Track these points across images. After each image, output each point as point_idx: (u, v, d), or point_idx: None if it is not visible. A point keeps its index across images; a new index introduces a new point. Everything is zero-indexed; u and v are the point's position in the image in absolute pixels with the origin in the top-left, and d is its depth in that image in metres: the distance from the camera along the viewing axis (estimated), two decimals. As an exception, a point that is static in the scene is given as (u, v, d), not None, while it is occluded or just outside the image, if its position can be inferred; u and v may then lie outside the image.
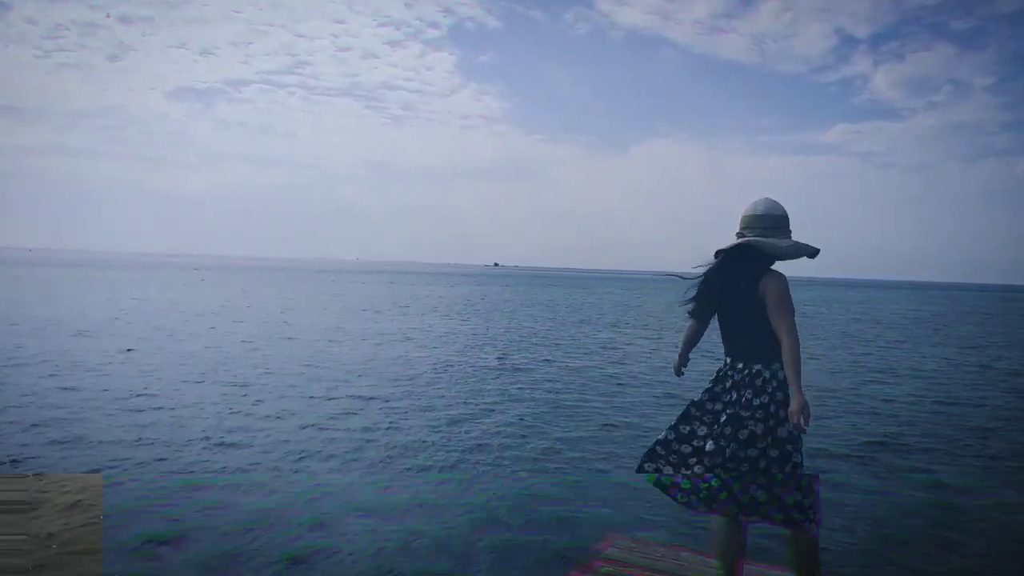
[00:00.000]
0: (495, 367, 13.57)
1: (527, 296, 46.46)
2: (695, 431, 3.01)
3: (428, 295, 42.28)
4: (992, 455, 7.70)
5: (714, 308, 3.08)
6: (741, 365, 2.95)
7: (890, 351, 18.84)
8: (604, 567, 3.64)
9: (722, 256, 3.04)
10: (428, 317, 25.18)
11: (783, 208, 3.04)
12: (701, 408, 3.03)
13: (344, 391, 10.36)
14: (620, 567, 3.63)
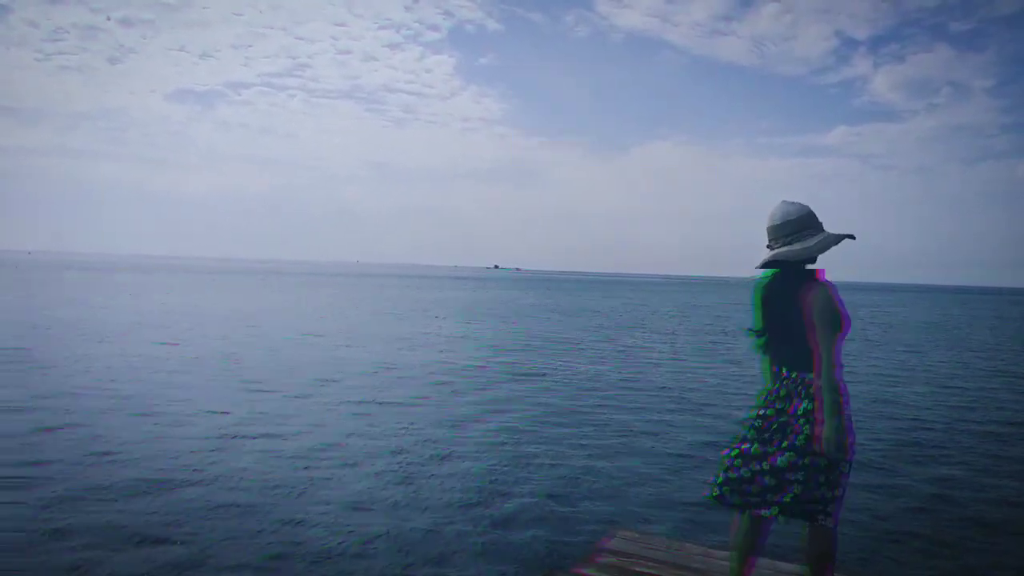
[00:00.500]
0: (514, 368, 13.58)
1: (546, 301, 46.20)
2: (752, 443, 2.98)
3: (458, 298, 42.14)
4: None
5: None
6: (793, 375, 2.89)
7: (914, 356, 18.77)
8: (608, 559, 3.67)
9: (763, 279, 2.96)
10: (469, 322, 25.09)
11: (799, 207, 2.92)
12: (758, 420, 2.99)
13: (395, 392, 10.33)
14: (624, 559, 3.66)
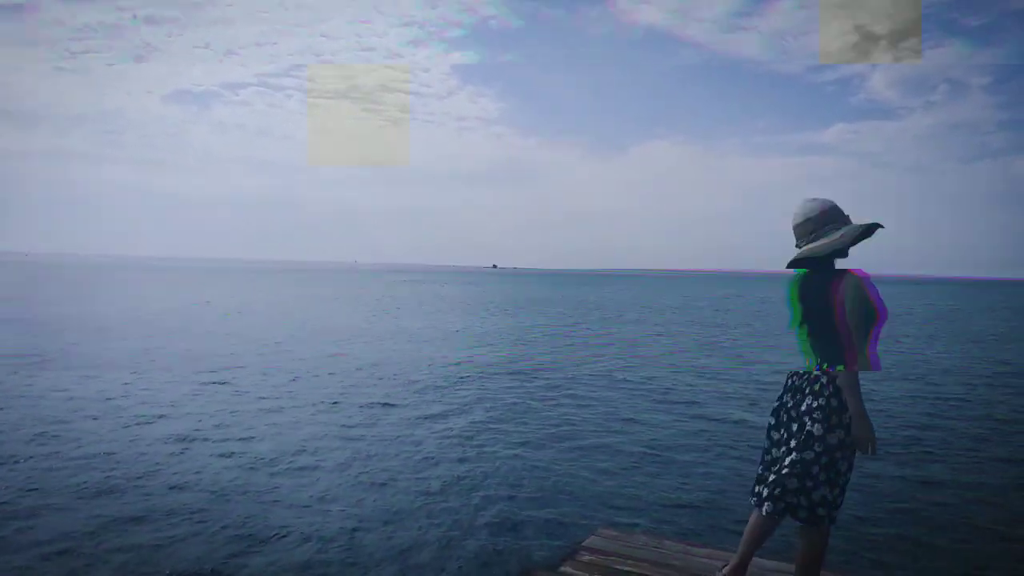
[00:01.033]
0: (499, 365, 13.63)
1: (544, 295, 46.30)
2: (773, 435, 3.08)
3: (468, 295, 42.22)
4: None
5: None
6: (811, 368, 2.98)
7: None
8: (589, 557, 3.72)
9: (796, 275, 3.02)
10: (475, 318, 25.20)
11: (820, 202, 2.97)
12: (777, 412, 3.06)
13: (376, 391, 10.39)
14: (604, 557, 3.70)
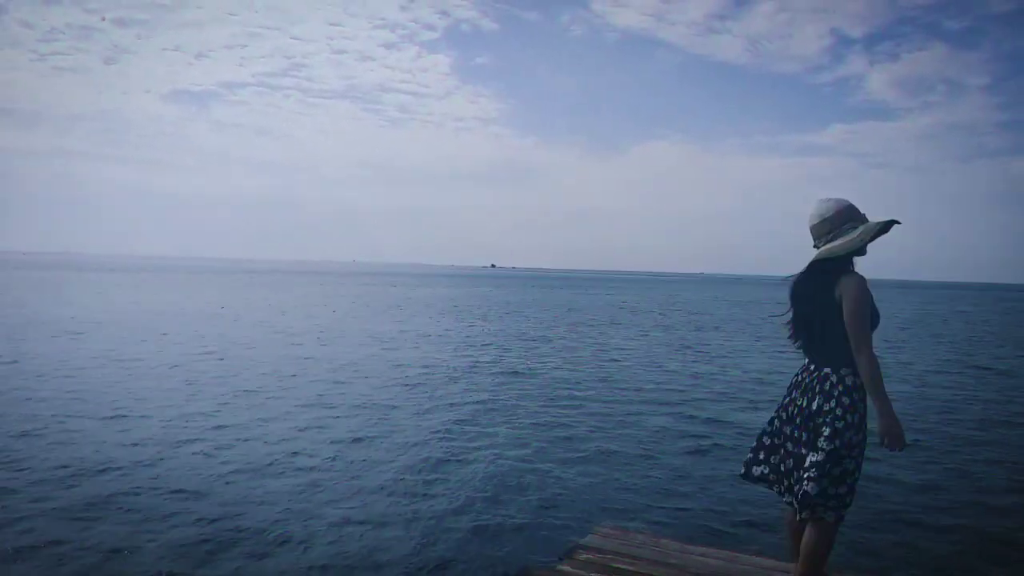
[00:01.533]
0: (494, 365, 13.64)
1: (530, 297, 46.38)
2: (776, 433, 3.10)
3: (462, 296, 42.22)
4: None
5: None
6: (813, 367, 2.97)
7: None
8: (587, 555, 3.72)
9: (801, 276, 3.02)
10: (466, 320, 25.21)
11: (835, 202, 2.94)
12: (781, 411, 3.07)
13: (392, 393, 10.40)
14: (602, 555, 3.71)
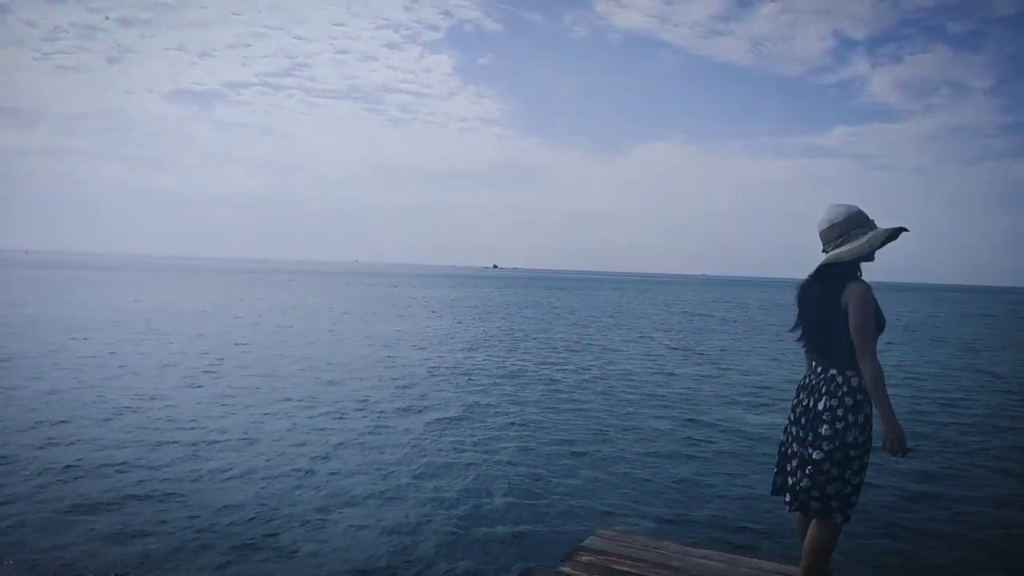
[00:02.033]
0: (493, 367, 13.64)
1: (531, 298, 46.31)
2: (785, 433, 3.15)
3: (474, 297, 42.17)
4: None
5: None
6: (820, 369, 3.01)
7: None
8: (588, 558, 3.72)
9: (809, 282, 3.05)
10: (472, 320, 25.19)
11: (844, 208, 2.98)
12: (790, 414, 3.11)
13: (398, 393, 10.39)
14: (603, 558, 3.71)
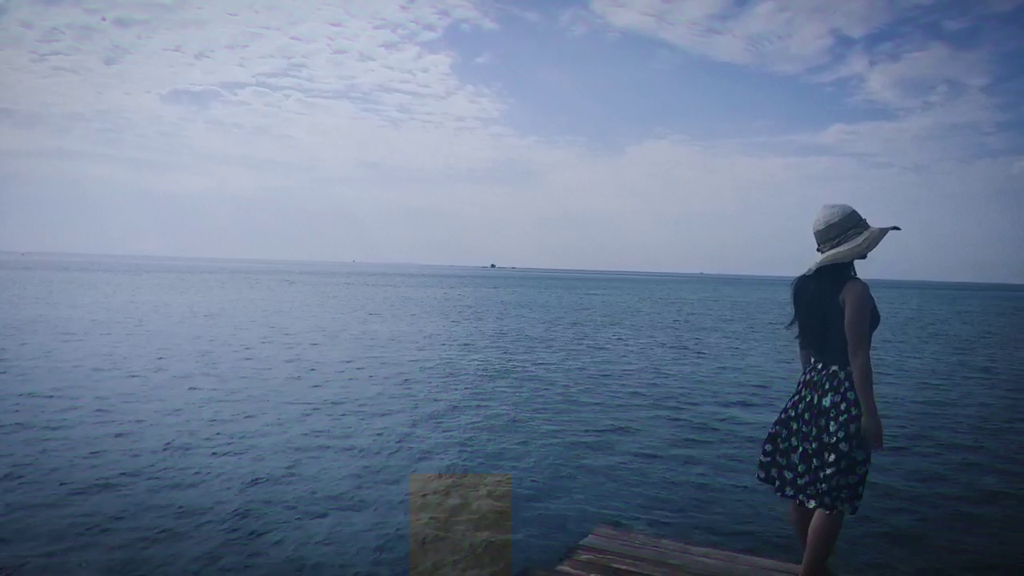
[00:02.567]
0: (490, 366, 13.63)
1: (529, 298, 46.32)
2: (784, 432, 3.16)
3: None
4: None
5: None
6: (820, 366, 3.05)
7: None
8: (587, 556, 3.72)
9: (806, 280, 3.09)
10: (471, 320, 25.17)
11: (841, 208, 3.03)
12: (790, 409, 3.12)
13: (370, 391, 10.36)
14: (602, 556, 3.71)
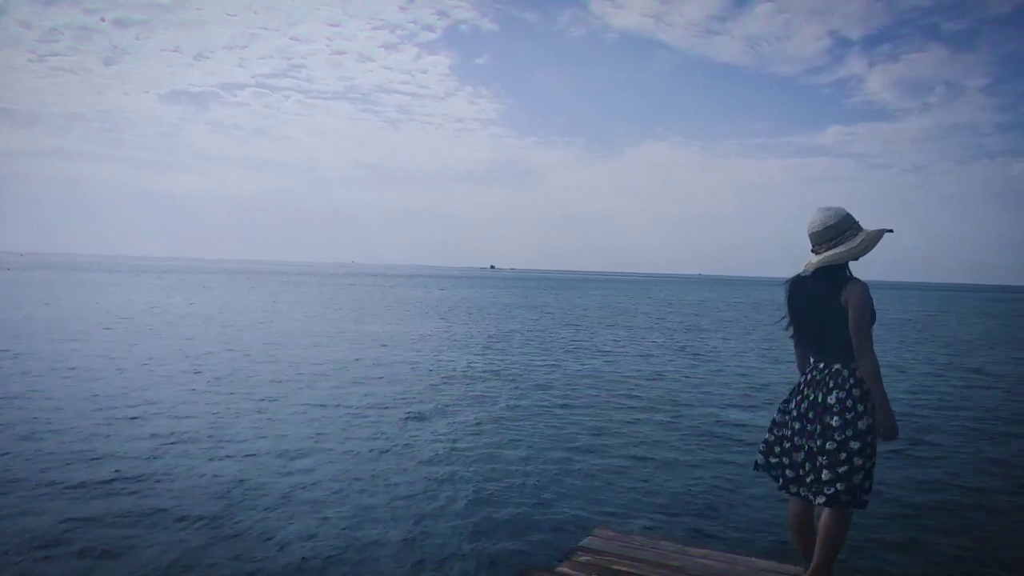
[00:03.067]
0: (488, 368, 13.64)
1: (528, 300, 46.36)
2: (784, 427, 3.17)
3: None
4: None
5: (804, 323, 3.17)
6: (822, 365, 3.06)
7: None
8: (586, 557, 3.72)
9: (802, 280, 3.11)
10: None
11: (836, 211, 3.04)
12: (792, 407, 3.14)
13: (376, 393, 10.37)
14: (601, 557, 3.71)
